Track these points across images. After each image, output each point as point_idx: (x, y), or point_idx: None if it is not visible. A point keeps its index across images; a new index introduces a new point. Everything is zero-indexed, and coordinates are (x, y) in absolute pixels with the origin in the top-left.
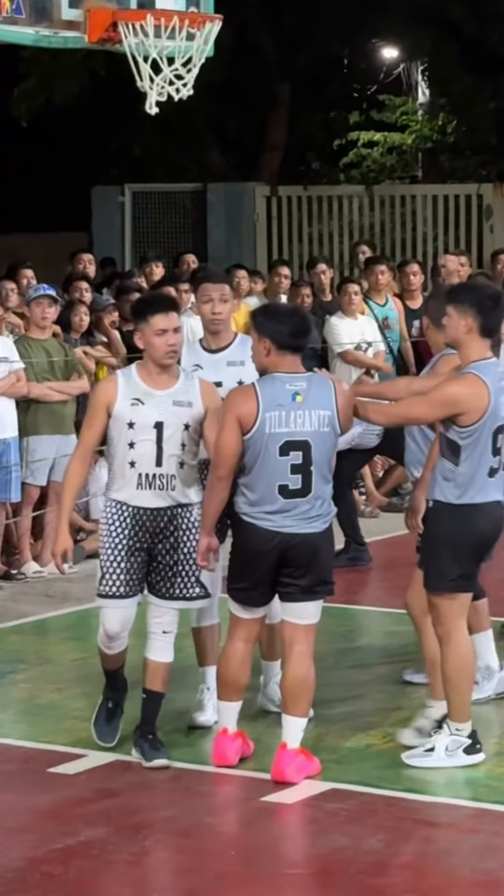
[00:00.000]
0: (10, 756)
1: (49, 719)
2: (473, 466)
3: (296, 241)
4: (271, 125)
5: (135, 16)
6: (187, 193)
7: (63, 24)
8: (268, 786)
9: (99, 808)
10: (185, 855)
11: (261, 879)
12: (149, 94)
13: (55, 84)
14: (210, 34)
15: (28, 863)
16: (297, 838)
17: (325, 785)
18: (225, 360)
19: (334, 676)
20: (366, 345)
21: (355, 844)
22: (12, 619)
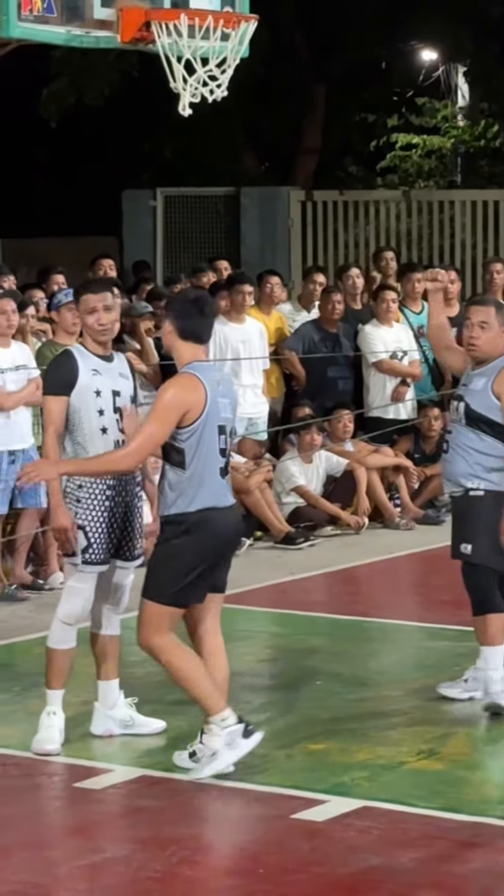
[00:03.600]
0: (35, 770)
1: (75, 733)
2: (200, 467)
3: (331, 246)
4: (307, 128)
5: (168, 15)
6: (220, 198)
7: (95, 23)
8: (298, 803)
9: (125, 823)
10: (213, 873)
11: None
12: (182, 95)
13: (85, 84)
14: (245, 34)
15: (53, 879)
16: (328, 857)
17: (357, 802)
18: (117, 370)
19: (367, 691)
20: (401, 353)
21: (387, 864)
22: (37, 632)
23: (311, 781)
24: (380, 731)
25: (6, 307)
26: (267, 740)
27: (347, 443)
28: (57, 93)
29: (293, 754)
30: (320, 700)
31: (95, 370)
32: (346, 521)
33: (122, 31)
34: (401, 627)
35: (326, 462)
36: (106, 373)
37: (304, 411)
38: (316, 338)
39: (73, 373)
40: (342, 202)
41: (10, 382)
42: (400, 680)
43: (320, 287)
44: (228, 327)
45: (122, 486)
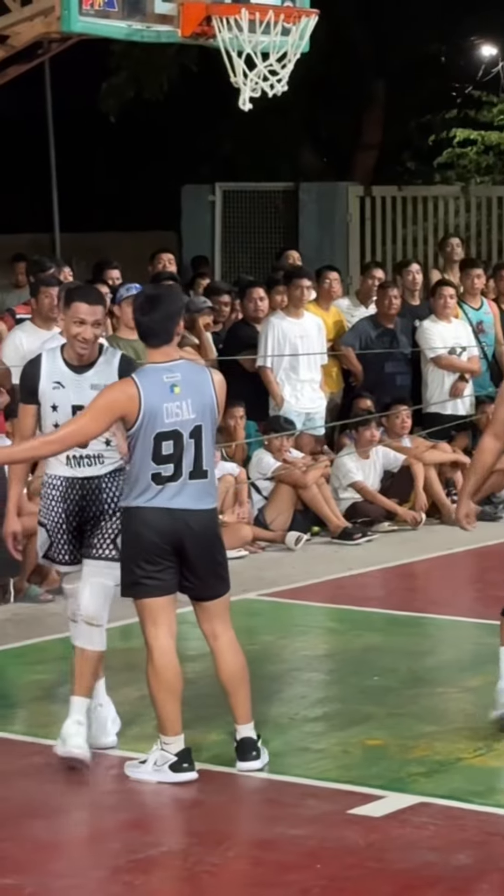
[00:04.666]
0: (94, 764)
1: (132, 726)
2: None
3: (389, 242)
4: (366, 123)
5: (229, 10)
6: (279, 193)
7: (156, 17)
8: (355, 798)
9: (182, 818)
10: (269, 868)
11: (346, 893)
12: (242, 90)
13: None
14: (306, 29)
15: (110, 872)
16: (385, 853)
17: (414, 798)
18: (88, 381)
19: (424, 688)
20: (460, 349)
21: (443, 860)
22: None
23: (368, 777)
24: (437, 728)
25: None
26: (323, 735)
27: (405, 438)
28: (117, 87)
29: (350, 750)
30: (377, 696)
31: (58, 383)
32: (404, 516)
33: (182, 26)
34: (458, 624)
35: (384, 458)
36: (72, 385)
37: (367, 403)
38: (373, 334)
39: (35, 382)
40: (401, 198)
41: None
42: (457, 676)
43: (378, 282)
44: (286, 322)
45: (80, 487)
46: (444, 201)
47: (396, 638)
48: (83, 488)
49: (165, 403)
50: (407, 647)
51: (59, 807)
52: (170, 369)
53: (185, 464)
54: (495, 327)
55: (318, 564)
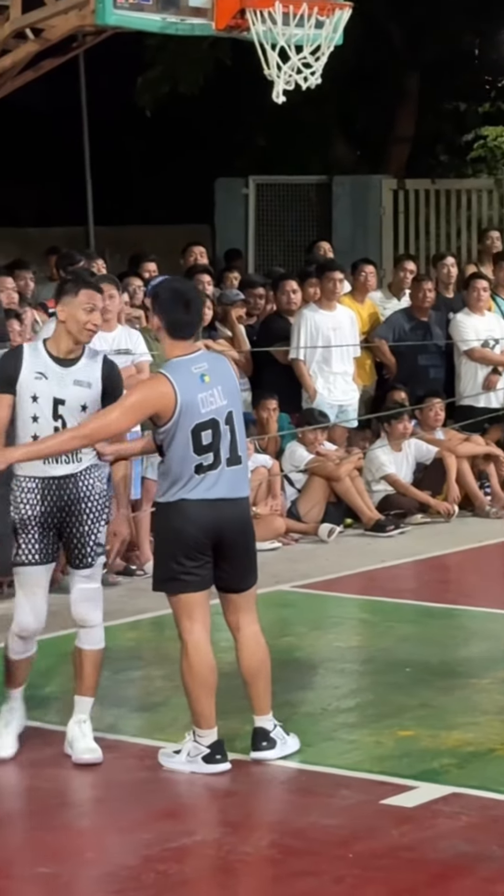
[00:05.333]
0: (126, 753)
1: (164, 716)
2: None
3: (423, 235)
4: (399, 117)
5: (263, 3)
6: (312, 186)
7: (190, 10)
8: (387, 788)
9: (216, 807)
10: (302, 857)
11: (379, 884)
12: (276, 82)
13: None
14: (339, 22)
15: (143, 861)
16: (417, 843)
17: (447, 789)
18: (72, 377)
19: (456, 679)
20: (493, 342)
21: (476, 851)
22: (129, 616)
23: (401, 767)
24: (468, 719)
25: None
26: (356, 726)
27: (438, 431)
28: (152, 81)
29: (382, 740)
30: (409, 687)
31: (41, 374)
32: (436, 508)
33: (216, 19)
34: (490, 616)
35: (416, 450)
36: (55, 378)
37: (400, 396)
38: (406, 326)
39: (16, 372)
40: (433, 191)
41: None
42: (489, 668)
43: (411, 275)
44: (319, 314)
45: (57, 486)
46: (478, 194)
47: (429, 630)
48: (60, 487)
49: (200, 394)
50: (439, 638)
51: (93, 796)
52: (194, 360)
53: (223, 451)
54: None
55: (351, 556)
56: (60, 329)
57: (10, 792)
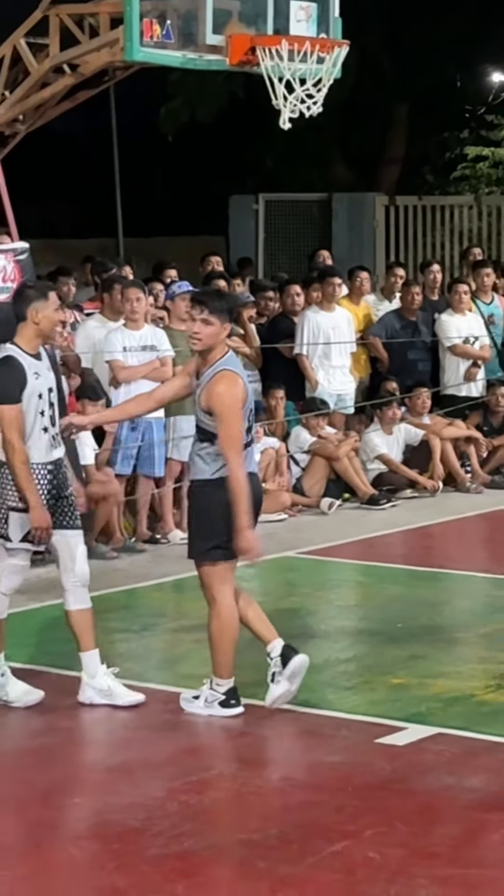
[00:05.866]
0: (153, 699)
1: (187, 666)
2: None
3: (411, 245)
4: (390, 141)
5: (271, 41)
6: (314, 202)
7: (207, 48)
8: (381, 729)
9: (231, 745)
10: (307, 789)
11: (374, 812)
12: (282, 111)
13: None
14: (338, 58)
15: (167, 792)
16: (407, 777)
17: (433, 730)
18: (45, 366)
19: (441, 633)
20: (473, 338)
21: (459, 783)
22: (154, 579)
23: (393, 710)
24: (452, 668)
25: (131, 296)
26: (354, 675)
27: (425, 416)
28: (173, 110)
29: (376, 687)
30: (400, 640)
31: (37, 373)
32: (423, 485)
33: (230, 55)
34: (471, 578)
35: (406, 433)
36: (42, 373)
37: (391, 386)
38: (397, 325)
39: (25, 379)
40: (421, 206)
41: (134, 359)
42: (470, 624)
43: (401, 280)
44: (320, 315)
45: (56, 469)
46: (459, 210)
47: (417, 590)
48: (58, 469)
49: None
50: (426, 598)
51: (123, 736)
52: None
53: (252, 431)
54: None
55: (349, 526)
56: (33, 330)
57: (48, 732)
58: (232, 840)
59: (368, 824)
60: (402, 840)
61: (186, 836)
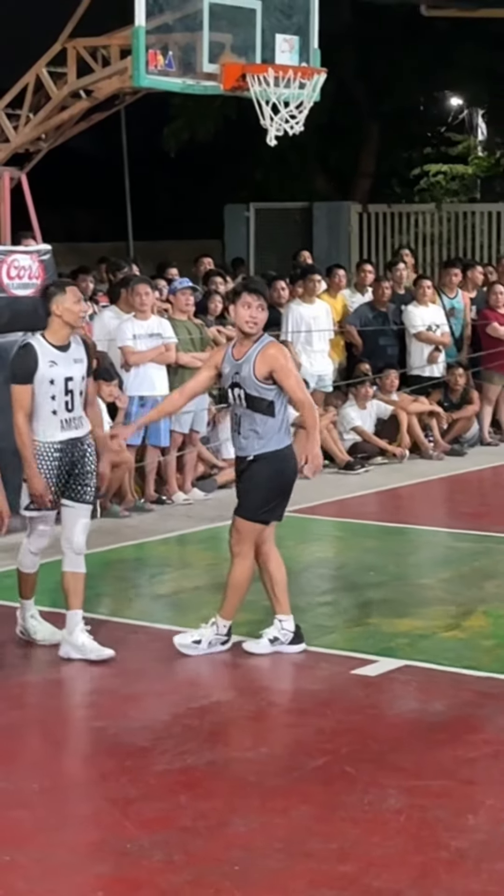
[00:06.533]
0: (159, 637)
1: (189, 610)
2: (283, 416)
3: (381, 247)
4: (363, 157)
5: (259, 69)
6: (298, 210)
7: (204, 75)
8: (355, 662)
9: (227, 676)
10: (293, 714)
11: (352, 732)
12: (269, 130)
13: (197, 124)
14: (317, 84)
15: (172, 717)
16: (379, 702)
17: (401, 662)
18: (71, 357)
19: (408, 580)
20: (435, 326)
21: (424, 708)
22: (161, 534)
23: (366, 646)
24: (417, 609)
25: (141, 290)
26: (332, 615)
27: (393, 394)
28: (175, 130)
29: (352, 626)
30: (373, 586)
31: (53, 361)
32: (392, 452)
33: (224, 82)
34: (433, 532)
35: (377, 408)
36: (62, 362)
37: (365, 367)
38: (370, 315)
39: (35, 364)
40: (390, 213)
41: (142, 345)
42: (432, 571)
43: (370, 275)
44: (303, 307)
45: (70, 447)
46: (423, 216)
47: (387, 543)
48: (74, 447)
49: None
50: (395, 549)
51: (135, 669)
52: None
53: None
54: (465, 312)
55: (328, 488)
56: (57, 322)
57: (69, 665)
58: (228, 757)
59: (345, 743)
60: (374, 756)
61: (188, 754)
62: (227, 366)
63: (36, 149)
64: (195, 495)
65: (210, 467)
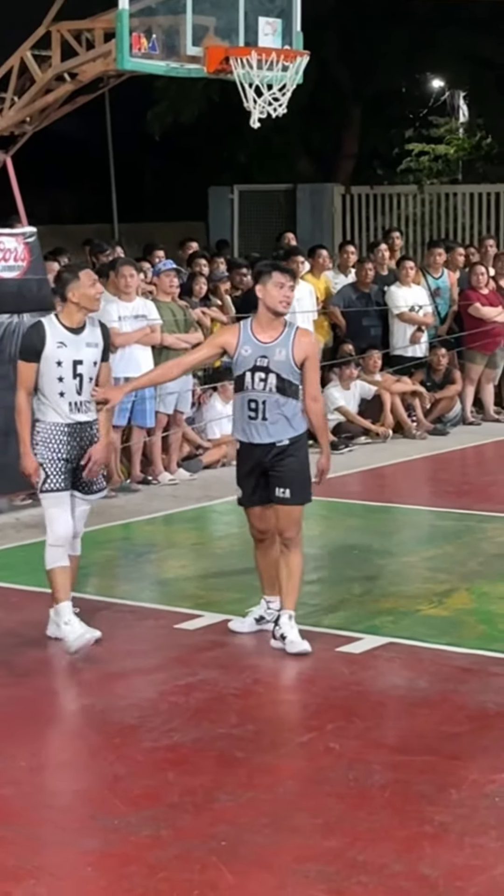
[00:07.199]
0: (145, 615)
1: (174, 588)
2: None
3: (364, 228)
4: (346, 139)
5: (242, 52)
6: (281, 192)
7: (187, 58)
8: (340, 639)
9: (213, 654)
10: (279, 690)
11: (337, 708)
12: (253, 112)
13: (181, 106)
14: (300, 66)
15: (159, 694)
16: (363, 679)
17: (385, 640)
18: (84, 341)
19: (391, 558)
20: (418, 307)
21: (408, 684)
22: (147, 514)
23: (350, 623)
24: (401, 587)
25: (126, 272)
26: (317, 594)
27: (377, 374)
28: (159, 113)
29: (336, 603)
30: (357, 564)
31: (62, 342)
32: (376, 432)
33: (207, 64)
34: (416, 511)
35: (361, 388)
36: (72, 344)
37: (348, 348)
38: (353, 296)
39: (42, 344)
40: (372, 195)
41: (128, 326)
42: (415, 549)
43: (352, 255)
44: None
45: (79, 430)
46: (405, 197)
47: (370, 521)
48: (82, 430)
49: None
50: (378, 528)
51: (121, 648)
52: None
53: None
54: (451, 292)
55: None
56: (73, 307)
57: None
58: (214, 734)
59: (330, 719)
60: (359, 733)
61: (175, 731)
62: (249, 348)
63: (21, 132)
64: (181, 475)
65: (195, 448)
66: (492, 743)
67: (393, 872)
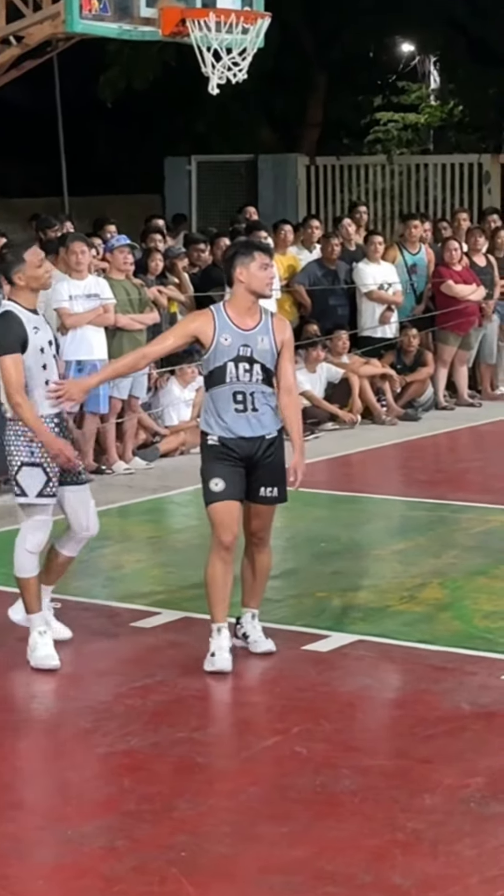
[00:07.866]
0: (99, 613)
1: (131, 584)
2: None
3: (329, 201)
4: (310, 106)
5: (200, 13)
6: (242, 163)
7: (141, 20)
8: (306, 637)
9: (171, 654)
10: (241, 692)
11: (301, 711)
12: (211, 78)
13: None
14: (261, 29)
15: (114, 697)
16: (331, 679)
17: (353, 637)
18: (43, 321)
19: (360, 551)
20: (387, 285)
21: (378, 684)
22: (101, 506)
23: (317, 621)
24: (370, 581)
25: (76, 248)
26: (283, 589)
27: (344, 356)
28: (111, 79)
29: (302, 600)
30: (324, 557)
31: (36, 327)
32: (343, 418)
33: (162, 27)
34: (386, 501)
35: (327, 372)
36: (41, 327)
37: (314, 328)
38: (319, 273)
39: (24, 332)
40: (339, 166)
41: (79, 306)
42: (385, 542)
43: (317, 230)
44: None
45: (60, 418)
46: (374, 169)
47: (338, 513)
48: (62, 420)
49: None
50: (346, 519)
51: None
52: None
53: None
54: (428, 269)
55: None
56: (25, 289)
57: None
58: (173, 738)
59: (296, 722)
60: (327, 735)
61: (132, 736)
62: (228, 336)
63: None
64: (136, 464)
65: (152, 435)
66: (466, 746)
67: (363, 883)
